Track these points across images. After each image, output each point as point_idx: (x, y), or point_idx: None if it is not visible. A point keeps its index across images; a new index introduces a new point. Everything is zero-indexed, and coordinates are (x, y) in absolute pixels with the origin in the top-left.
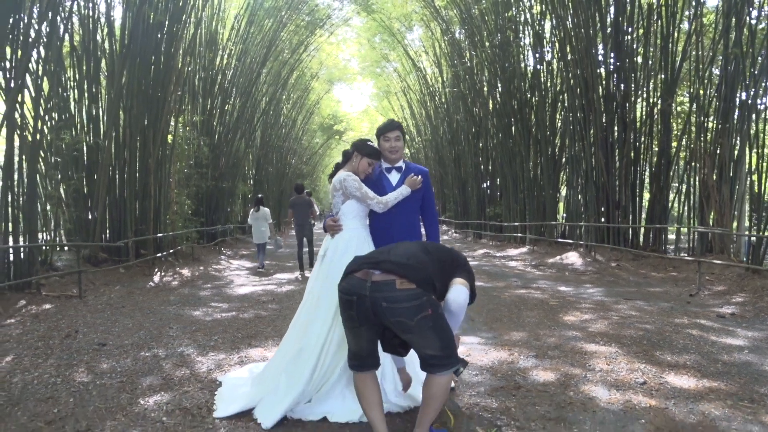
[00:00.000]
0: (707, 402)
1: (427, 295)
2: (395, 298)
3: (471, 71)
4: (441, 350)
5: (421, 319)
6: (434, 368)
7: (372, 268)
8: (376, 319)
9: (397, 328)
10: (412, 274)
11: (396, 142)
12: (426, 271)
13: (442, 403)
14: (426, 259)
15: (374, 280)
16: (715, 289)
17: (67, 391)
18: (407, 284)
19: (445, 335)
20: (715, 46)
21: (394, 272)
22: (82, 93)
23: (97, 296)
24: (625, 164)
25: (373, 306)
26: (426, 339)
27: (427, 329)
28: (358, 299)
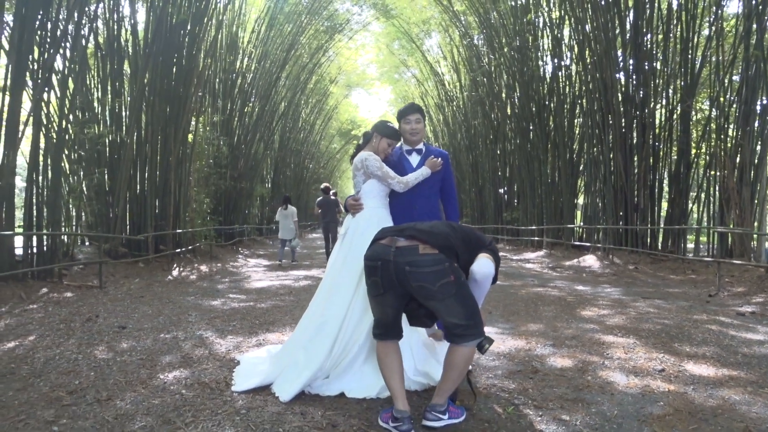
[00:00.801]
0: (727, 388)
1: (449, 261)
2: (418, 262)
3: (489, 75)
4: (465, 319)
5: (444, 285)
6: (458, 338)
7: (397, 235)
8: (399, 285)
9: (420, 294)
10: (434, 239)
11: (416, 125)
12: (448, 240)
13: (461, 375)
14: (449, 232)
15: (398, 245)
16: (735, 291)
17: (88, 366)
18: (430, 249)
19: (468, 304)
20: (735, 49)
21: (416, 238)
22: (105, 91)
23: (116, 287)
24: (644, 168)
25: (396, 271)
26: (449, 306)
27: (450, 296)
28: (383, 264)
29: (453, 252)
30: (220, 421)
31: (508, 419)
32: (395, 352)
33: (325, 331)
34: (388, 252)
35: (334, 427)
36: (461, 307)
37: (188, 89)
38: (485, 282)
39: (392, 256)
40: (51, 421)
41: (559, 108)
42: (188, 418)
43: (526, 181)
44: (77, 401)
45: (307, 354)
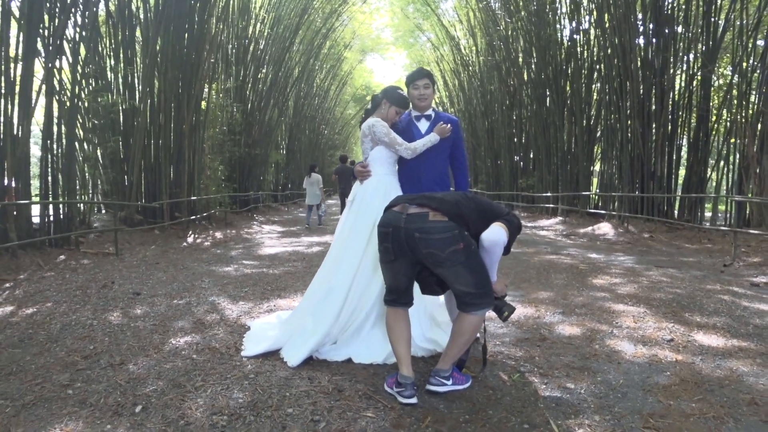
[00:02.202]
0: (735, 359)
1: (459, 229)
2: (427, 228)
3: (506, 40)
4: (474, 287)
5: (453, 252)
6: (468, 307)
7: (408, 203)
8: (410, 252)
9: (430, 260)
10: (444, 207)
11: (425, 90)
12: (459, 208)
13: (468, 342)
14: (461, 200)
15: (409, 212)
16: (751, 261)
17: (103, 332)
18: (440, 216)
19: (479, 273)
20: (760, 11)
21: (427, 205)
22: (118, 59)
23: (132, 254)
24: (662, 135)
25: (407, 237)
26: (458, 274)
27: (458, 264)
28: (394, 231)
29: (463, 220)
30: (229, 385)
31: (513, 386)
32: (404, 319)
33: (332, 297)
34: (399, 219)
35: (340, 392)
36: (470, 276)
37: (200, 56)
38: (494, 249)
39: (403, 223)
40: (66, 385)
41: (576, 74)
42: (198, 382)
43: (542, 147)
44: (91, 366)
45: (315, 320)
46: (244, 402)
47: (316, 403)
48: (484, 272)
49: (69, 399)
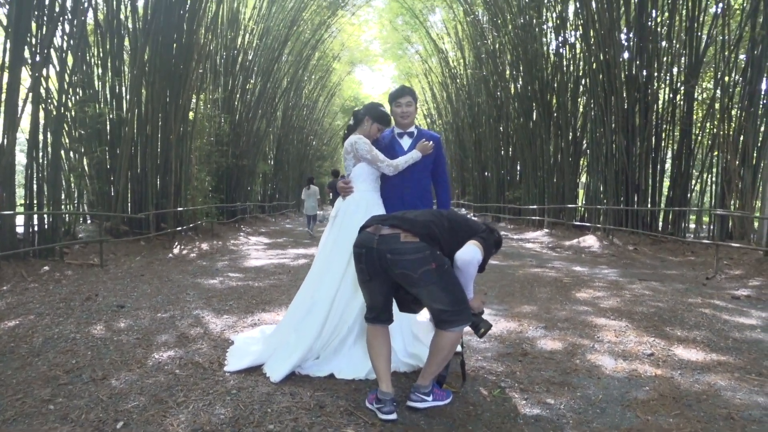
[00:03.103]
0: (714, 374)
1: (430, 249)
2: (398, 250)
3: (493, 54)
4: (450, 305)
5: (425, 272)
6: (444, 324)
7: (381, 223)
8: (384, 272)
9: (404, 281)
10: (415, 228)
11: (407, 108)
12: (430, 228)
13: (446, 359)
14: (433, 220)
15: (381, 233)
16: (733, 273)
17: (86, 345)
18: (411, 237)
19: (453, 291)
20: (741, 28)
21: (398, 226)
22: (105, 69)
23: (117, 265)
24: (646, 148)
25: (379, 258)
26: (432, 293)
27: (432, 283)
28: (367, 252)
29: (435, 240)
30: (211, 400)
31: (493, 402)
32: (384, 336)
33: (315, 312)
34: (372, 240)
35: (322, 408)
36: (444, 294)
37: (188, 66)
38: (467, 268)
39: (375, 244)
40: (47, 400)
41: (562, 88)
42: (180, 397)
43: (529, 160)
44: (73, 380)
45: (298, 335)
46: (226, 418)
47: (297, 419)
48: (458, 290)
49: (50, 414)
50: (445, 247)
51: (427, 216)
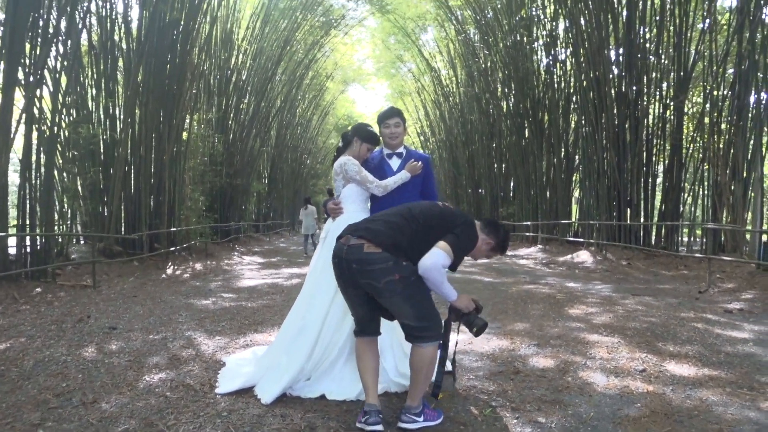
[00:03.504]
0: (706, 389)
1: (393, 260)
2: (362, 260)
3: (485, 72)
4: (415, 320)
5: (388, 283)
6: (414, 339)
7: (351, 233)
8: (355, 282)
9: (370, 291)
10: (378, 238)
11: (396, 128)
12: (394, 237)
13: (427, 376)
14: (402, 226)
15: (350, 244)
16: (725, 287)
17: (77, 368)
18: (373, 248)
19: (418, 305)
20: (728, 43)
21: (363, 237)
22: (99, 89)
23: (110, 286)
24: (638, 163)
25: (348, 268)
26: (396, 306)
27: (396, 295)
28: (338, 262)
29: (400, 250)
30: (202, 423)
31: (484, 421)
32: (371, 349)
33: (305, 333)
34: (342, 250)
35: (312, 430)
36: (409, 307)
37: (182, 87)
38: (429, 275)
39: (344, 254)
40: (37, 424)
41: (553, 105)
42: (170, 420)
43: (522, 177)
44: (63, 404)
45: (289, 356)
46: None
47: None
48: (425, 305)
49: None
50: (416, 250)
51: (395, 221)
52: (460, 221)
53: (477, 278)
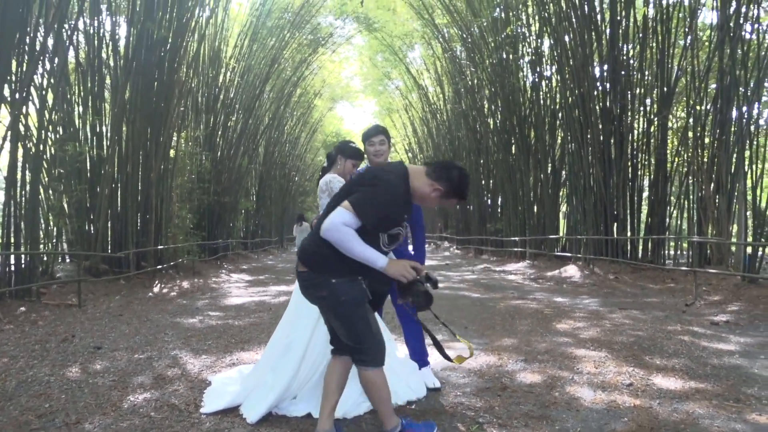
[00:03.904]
0: (692, 402)
1: (321, 277)
2: (299, 279)
3: (472, 89)
4: (349, 340)
5: (319, 299)
6: (353, 360)
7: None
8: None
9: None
10: (303, 256)
11: (380, 146)
12: (317, 254)
13: (382, 396)
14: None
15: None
16: (711, 299)
17: (60, 388)
18: (302, 267)
19: (350, 326)
20: (710, 59)
21: (298, 256)
22: (86, 107)
23: (96, 305)
24: (623, 178)
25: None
26: (333, 323)
27: (329, 311)
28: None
29: (323, 265)
30: None
31: None
32: (339, 368)
33: (291, 351)
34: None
35: None
36: (342, 327)
37: (170, 104)
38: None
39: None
40: None
41: (539, 121)
42: None
43: (509, 192)
44: (46, 425)
45: (275, 375)
46: None
47: None
48: (358, 327)
49: None
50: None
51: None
52: (373, 174)
53: (465, 294)
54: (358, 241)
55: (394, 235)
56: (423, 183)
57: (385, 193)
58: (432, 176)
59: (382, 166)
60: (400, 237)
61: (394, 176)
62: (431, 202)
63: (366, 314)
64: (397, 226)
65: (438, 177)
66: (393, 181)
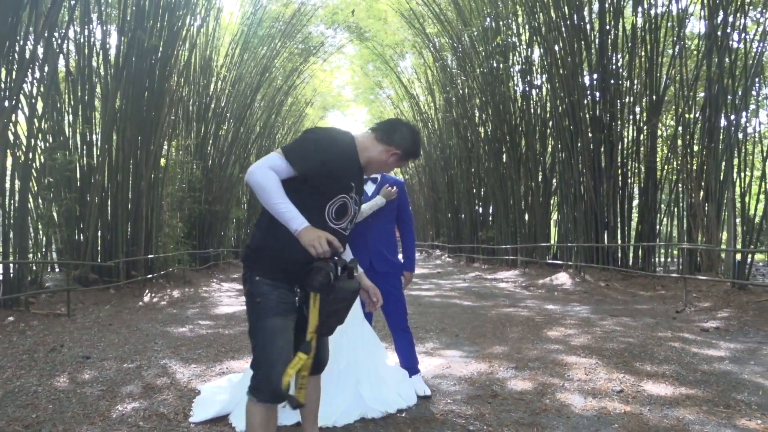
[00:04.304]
0: (683, 408)
1: (248, 271)
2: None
3: (463, 98)
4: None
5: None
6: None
7: None
8: None
9: None
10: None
11: None
12: (250, 244)
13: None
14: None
15: None
16: (702, 306)
17: (47, 399)
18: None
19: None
20: (698, 68)
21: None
22: (76, 116)
23: (85, 315)
24: (613, 186)
25: None
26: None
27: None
28: None
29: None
30: None
31: None
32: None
33: None
34: None
35: None
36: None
37: (160, 113)
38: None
39: None
40: None
41: (530, 130)
42: None
43: (500, 200)
44: None
45: None
46: None
47: None
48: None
49: None
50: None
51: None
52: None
53: (456, 302)
54: (280, 191)
55: (342, 208)
56: (378, 150)
57: (323, 139)
58: (385, 140)
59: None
60: (348, 212)
61: (338, 133)
62: (388, 168)
63: (272, 333)
64: (342, 194)
65: (391, 140)
66: (335, 135)
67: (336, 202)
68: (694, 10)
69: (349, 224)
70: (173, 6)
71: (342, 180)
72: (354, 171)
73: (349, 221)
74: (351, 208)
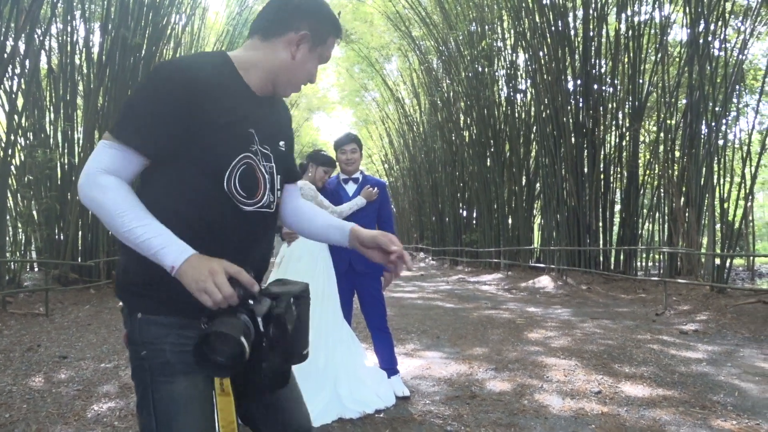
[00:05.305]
0: (659, 409)
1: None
2: None
3: (448, 101)
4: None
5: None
6: None
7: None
8: None
9: None
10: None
11: (352, 155)
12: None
13: None
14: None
15: None
16: (681, 309)
17: (22, 398)
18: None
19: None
20: (680, 74)
21: None
22: (58, 113)
23: (64, 315)
24: (596, 190)
25: None
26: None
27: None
28: None
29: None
30: None
31: None
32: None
33: None
34: None
35: None
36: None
37: None
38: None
39: None
40: None
41: (514, 134)
42: None
43: (484, 204)
44: None
45: None
46: None
47: None
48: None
49: None
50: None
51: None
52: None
53: (438, 304)
54: (131, 207)
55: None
56: (272, 50)
57: (172, 78)
58: (276, 29)
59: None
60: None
61: (195, 58)
62: (307, 75)
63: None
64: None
65: (286, 22)
66: (191, 63)
67: (237, 168)
68: (676, 18)
69: (271, 196)
70: (158, 4)
71: (230, 129)
72: (246, 105)
73: (270, 191)
74: (262, 169)
